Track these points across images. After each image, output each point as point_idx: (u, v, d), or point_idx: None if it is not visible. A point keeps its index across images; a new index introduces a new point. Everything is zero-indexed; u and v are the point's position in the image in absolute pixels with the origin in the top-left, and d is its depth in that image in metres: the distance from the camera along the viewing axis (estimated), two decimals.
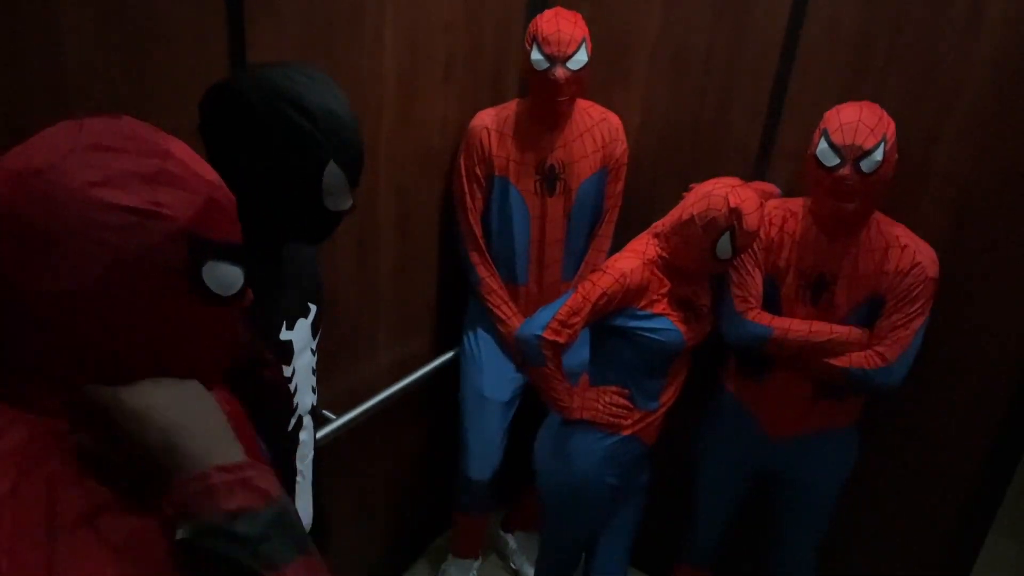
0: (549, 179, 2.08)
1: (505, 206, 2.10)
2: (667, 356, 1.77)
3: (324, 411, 1.88)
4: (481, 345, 2.22)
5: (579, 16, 1.96)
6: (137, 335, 0.67)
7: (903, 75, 1.80)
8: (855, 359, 1.76)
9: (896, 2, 1.77)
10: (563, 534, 1.96)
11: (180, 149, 0.71)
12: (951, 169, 1.79)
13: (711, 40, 2.02)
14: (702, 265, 1.72)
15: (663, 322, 1.73)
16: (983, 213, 1.79)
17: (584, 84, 2.01)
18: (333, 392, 1.89)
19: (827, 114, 1.70)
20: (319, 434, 1.79)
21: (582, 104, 2.10)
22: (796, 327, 1.79)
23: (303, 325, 1.32)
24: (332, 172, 1.13)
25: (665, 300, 1.75)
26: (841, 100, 1.76)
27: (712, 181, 1.71)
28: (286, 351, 1.30)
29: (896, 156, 1.68)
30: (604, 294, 1.69)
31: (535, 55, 1.92)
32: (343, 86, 1.64)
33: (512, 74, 2.24)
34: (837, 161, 1.64)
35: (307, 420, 1.40)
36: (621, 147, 2.13)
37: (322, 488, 1.60)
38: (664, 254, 1.75)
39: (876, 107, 1.69)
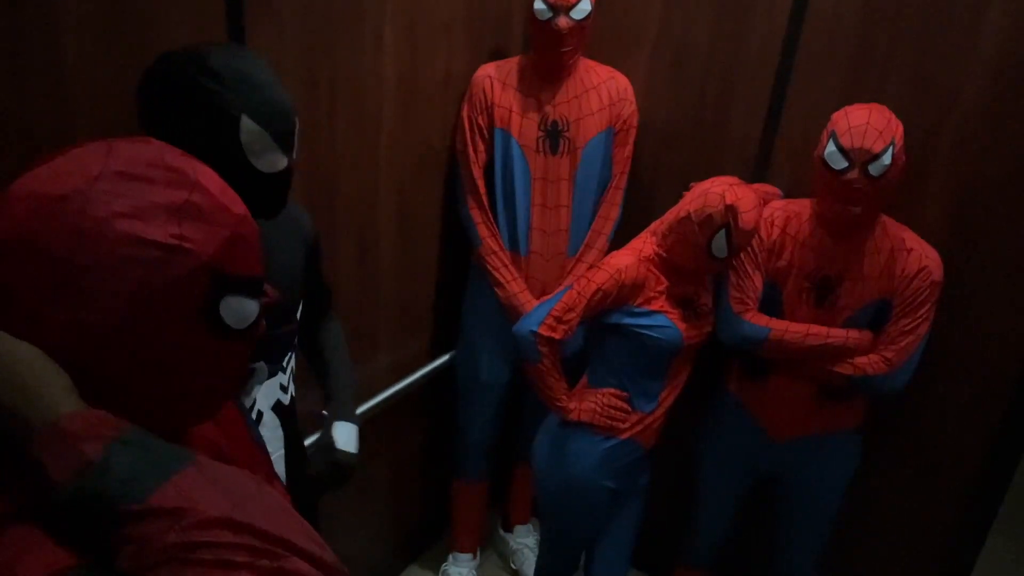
0: (552, 136, 2.02)
1: (507, 164, 2.04)
2: (665, 355, 1.77)
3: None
4: (477, 325, 2.21)
5: None
6: (149, 366, 0.66)
7: (903, 75, 1.80)
8: (860, 365, 1.76)
9: (896, 2, 1.77)
10: (561, 537, 1.96)
11: (209, 179, 0.69)
12: (951, 169, 1.79)
13: (711, 40, 2.02)
14: (698, 263, 1.72)
15: (660, 319, 1.73)
16: (983, 213, 1.78)
17: (587, 36, 1.97)
18: None
19: (835, 115, 1.69)
20: (315, 436, 1.79)
21: (587, 62, 2.06)
22: (793, 329, 1.78)
23: None
24: (248, 128, 1.12)
25: (663, 298, 1.74)
26: (841, 100, 1.76)
27: (711, 180, 1.71)
28: None
29: (904, 159, 1.68)
30: (599, 289, 1.69)
31: (537, 4, 1.88)
32: (343, 87, 1.66)
33: None
34: (845, 164, 1.63)
35: (268, 417, 1.39)
36: (630, 107, 2.08)
37: (316, 498, 1.60)
38: (662, 252, 1.75)
39: (884, 109, 1.67)
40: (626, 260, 1.73)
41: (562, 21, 1.88)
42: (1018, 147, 1.72)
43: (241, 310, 0.70)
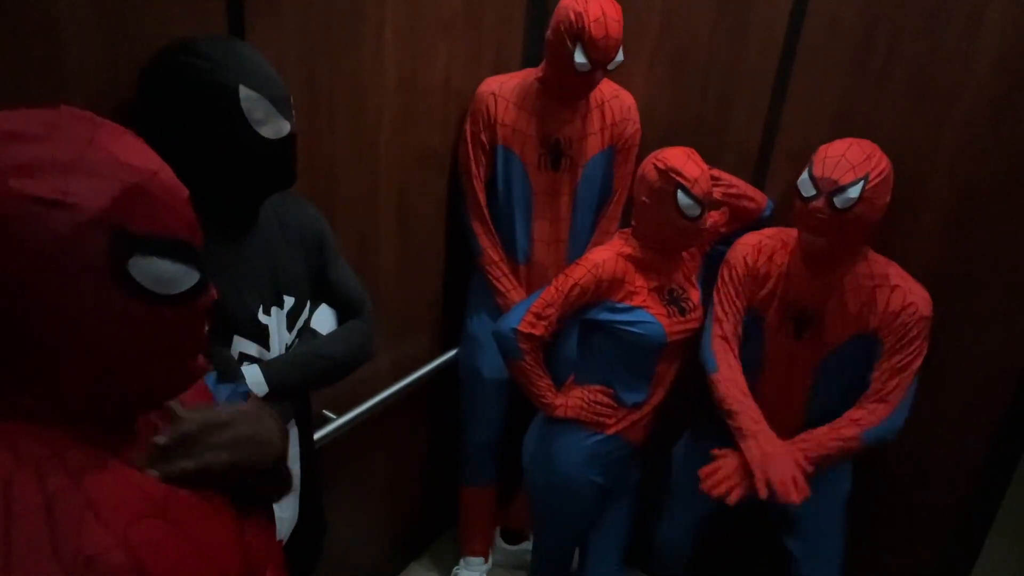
0: (554, 154, 2.04)
1: (509, 179, 2.06)
2: (649, 351, 1.77)
3: (324, 411, 1.88)
4: (480, 323, 2.21)
5: (619, 8, 1.86)
6: (74, 336, 0.64)
7: (903, 75, 1.80)
8: (864, 423, 1.70)
9: (896, 2, 1.77)
10: (552, 533, 1.97)
11: (110, 137, 0.67)
12: (951, 170, 1.79)
13: (711, 40, 2.02)
14: (683, 233, 1.72)
15: (642, 315, 1.74)
16: (983, 214, 1.78)
17: None
18: (333, 392, 1.88)
19: (820, 147, 1.68)
20: (319, 433, 1.80)
21: None
22: (729, 387, 1.77)
23: (278, 314, 1.33)
24: (248, 96, 1.16)
25: (644, 293, 1.75)
26: (841, 101, 1.77)
27: (642, 165, 1.75)
28: (263, 335, 1.31)
29: (886, 199, 1.64)
30: (576, 285, 1.71)
31: (580, 58, 1.84)
32: (343, 87, 1.67)
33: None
34: (813, 192, 1.63)
35: None
36: (632, 127, 2.09)
37: (320, 488, 1.61)
38: (642, 245, 1.76)
39: (870, 145, 1.65)
40: (604, 255, 1.75)
41: (599, 75, 1.88)
42: (1018, 148, 1.71)
43: (159, 272, 0.67)
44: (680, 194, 1.67)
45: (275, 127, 1.20)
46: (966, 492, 1.96)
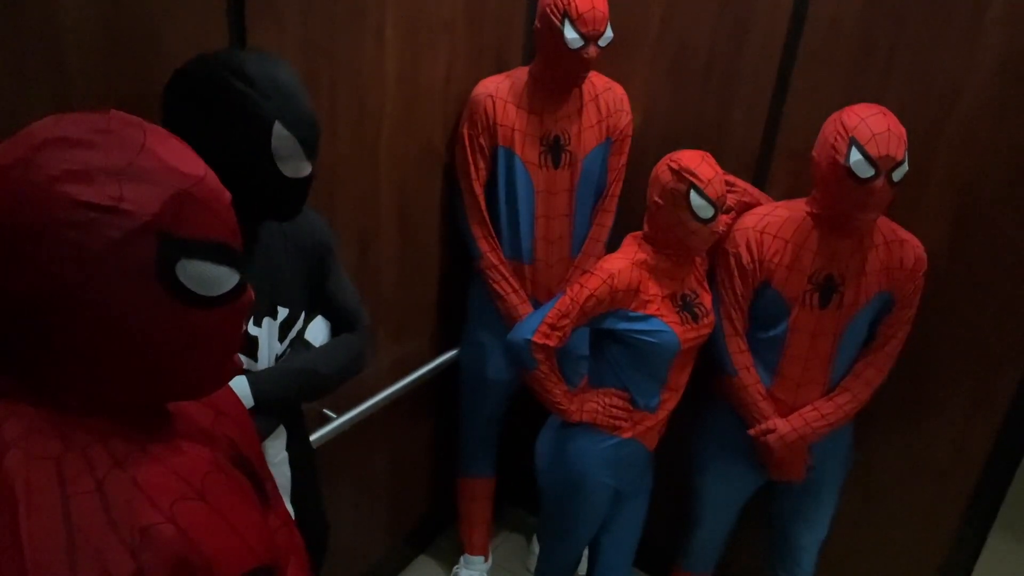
0: (554, 151, 2.04)
1: (510, 179, 2.05)
2: (664, 358, 1.76)
3: (325, 410, 1.88)
4: (482, 327, 2.21)
5: None
6: (120, 338, 0.66)
7: (903, 75, 1.80)
8: (876, 381, 1.82)
9: (897, 2, 1.77)
10: (562, 534, 1.96)
11: (159, 142, 0.68)
12: (951, 170, 1.79)
13: (712, 40, 2.02)
14: (695, 236, 1.69)
15: (656, 323, 1.73)
16: (983, 214, 1.78)
17: None
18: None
19: (848, 120, 1.63)
20: (318, 434, 1.80)
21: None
22: (752, 385, 1.84)
23: (270, 325, 1.32)
24: (280, 135, 1.15)
25: (658, 301, 1.74)
26: (842, 100, 1.76)
27: (655, 167, 1.74)
28: (251, 346, 1.30)
29: None
30: (592, 296, 1.69)
31: (570, 33, 1.84)
32: (344, 86, 1.67)
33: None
34: (872, 173, 1.59)
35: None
36: (626, 118, 2.10)
37: (320, 489, 1.61)
38: (655, 251, 1.74)
39: (884, 109, 1.65)
40: (618, 264, 1.73)
41: (592, 50, 1.88)
42: (1019, 147, 1.71)
43: (203, 275, 0.68)
44: (693, 194, 1.65)
45: (296, 167, 1.19)
46: (968, 490, 1.95)
